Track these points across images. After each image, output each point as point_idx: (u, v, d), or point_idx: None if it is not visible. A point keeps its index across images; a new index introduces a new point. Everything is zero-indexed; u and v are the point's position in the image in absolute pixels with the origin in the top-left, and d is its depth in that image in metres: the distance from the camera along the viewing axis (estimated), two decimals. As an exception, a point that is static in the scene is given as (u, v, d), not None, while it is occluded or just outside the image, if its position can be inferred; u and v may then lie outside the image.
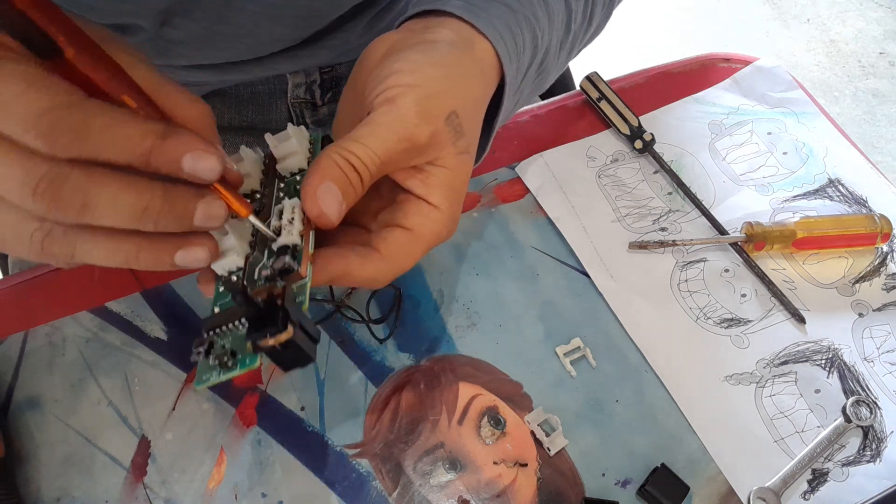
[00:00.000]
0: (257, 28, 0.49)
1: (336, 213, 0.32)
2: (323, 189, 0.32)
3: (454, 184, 0.36)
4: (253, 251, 0.33)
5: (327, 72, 0.60)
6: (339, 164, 0.32)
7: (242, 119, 0.61)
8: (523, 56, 0.40)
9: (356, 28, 0.55)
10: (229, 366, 0.30)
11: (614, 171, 0.57)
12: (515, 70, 0.40)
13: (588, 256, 0.52)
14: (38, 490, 0.42)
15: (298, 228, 0.32)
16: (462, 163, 0.36)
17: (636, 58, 1.84)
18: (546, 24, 0.42)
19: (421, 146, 0.34)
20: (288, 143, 0.36)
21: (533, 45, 0.41)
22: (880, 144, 1.75)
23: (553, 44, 0.43)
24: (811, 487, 0.44)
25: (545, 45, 0.42)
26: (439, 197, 0.36)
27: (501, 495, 0.43)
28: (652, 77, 0.63)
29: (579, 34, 0.46)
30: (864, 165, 0.58)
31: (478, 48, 0.38)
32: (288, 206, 0.33)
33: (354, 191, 0.33)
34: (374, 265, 0.35)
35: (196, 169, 0.29)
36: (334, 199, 0.32)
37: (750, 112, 0.61)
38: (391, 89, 0.34)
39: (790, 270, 0.53)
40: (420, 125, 0.34)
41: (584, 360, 0.48)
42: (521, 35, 0.40)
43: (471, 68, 0.37)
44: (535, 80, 0.44)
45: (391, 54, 0.36)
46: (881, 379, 0.48)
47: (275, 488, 0.43)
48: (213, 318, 0.31)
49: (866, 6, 2.05)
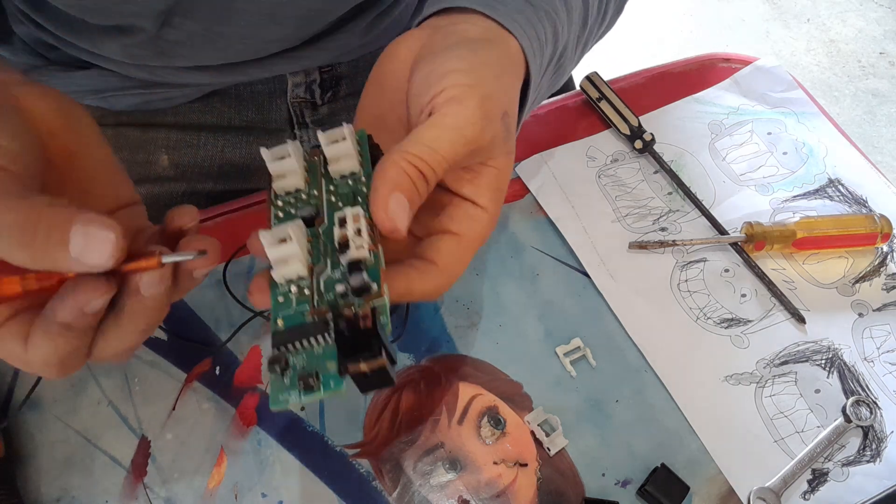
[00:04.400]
0: (257, 29, 0.49)
1: (406, 226, 0.30)
2: (394, 202, 0.30)
3: (500, 184, 0.36)
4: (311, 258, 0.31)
5: (327, 71, 0.60)
6: (408, 173, 0.30)
7: (242, 119, 0.61)
8: (546, 51, 0.40)
9: (356, 29, 0.55)
10: (314, 388, 0.28)
11: (614, 171, 0.57)
12: (539, 66, 0.39)
13: (588, 256, 0.52)
14: (38, 490, 0.42)
15: (368, 242, 0.29)
16: (509, 163, 0.36)
17: (636, 58, 1.84)
18: (565, 18, 0.41)
19: (483, 148, 0.33)
20: (343, 145, 0.33)
21: (553, 39, 0.40)
22: (880, 144, 1.75)
23: (571, 39, 0.43)
24: (811, 487, 0.44)
25: (564, 40, 0.42)
26: (487, 198, 0.35)
27: (501, 495, 0.43)
28: (652, 77, 0.63)
29: (594, 29, 0.46)
30: (864, 165, 0.58)
31: (508, 45, 0.37)
32: (350, 214, 0.30)
33: (421, 199, 0.31)
34: (434, 280, 0.34)
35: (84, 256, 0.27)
36: (405, 213, 0.30)
37: (750, 112, 0.61)
38: (452, 88, 0.32)
39: (790, 270, 0.53)
40: (486, 127, 0.33)
41: (584, 360, 0.48)
42: (542, 30, 0.39)
43: (508, 67, 0.36)
44: (552, 76, 0.44)
45: (434, 53, 0.35)
46: (881, 379, 0.48)
47: (275, 488, 0.43)
48: (285, 333, 0.29)
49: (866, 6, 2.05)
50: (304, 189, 0.33)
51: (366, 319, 0.28)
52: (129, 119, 0.59)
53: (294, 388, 0.28)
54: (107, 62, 0.53)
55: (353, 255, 0.29)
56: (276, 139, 0.62)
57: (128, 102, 0.58)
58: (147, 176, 0.59)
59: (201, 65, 0.53)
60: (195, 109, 0.60)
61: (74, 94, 0.57)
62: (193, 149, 0.60)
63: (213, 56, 0.52)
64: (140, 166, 0.59)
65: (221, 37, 0.49)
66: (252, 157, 0.61)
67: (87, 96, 0.57)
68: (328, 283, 0.30)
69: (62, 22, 0.49)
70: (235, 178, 0.61)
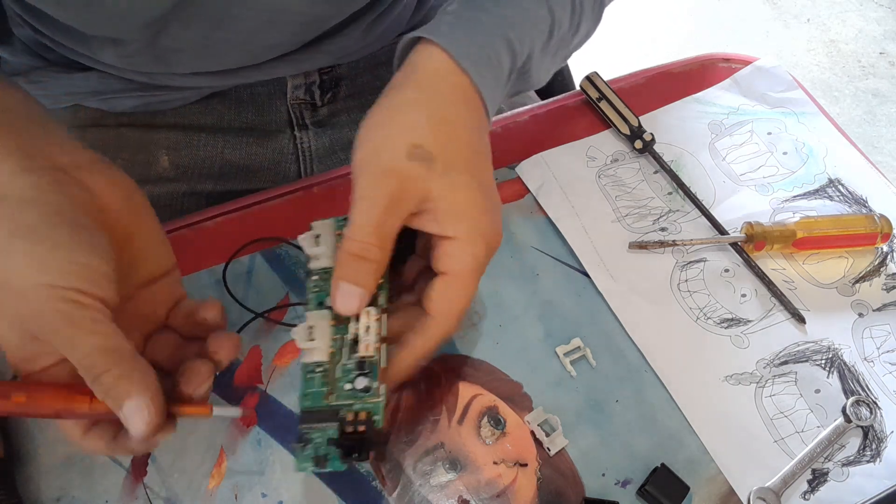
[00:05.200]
0: (256, 35, 0.48)
1: (359, 305, 0.36)
2: (341, 292, 0.35)
3: (458, 205, 0.36)
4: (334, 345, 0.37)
5: (327, 72, 0.60)
6: (345, 263, 0.35)
7: (242, 120, 0.61)
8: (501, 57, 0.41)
9: (355, 32, 0.55)
10: (323, 465, 0.35)
11: (614, 171, 0.57)
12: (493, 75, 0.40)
13: (588, 256, 0.52)
14: (38, 490, 0.42)
15: (374, 342, 0.36)
16: (451, 182, 0.36)
17: (636, 58, 1.84)
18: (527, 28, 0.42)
19: (401, 194, 0.35)
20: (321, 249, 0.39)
21: (510, 53, 0.41)
22: (880, 144, 1.74)
23: (535, 48, 0.43)
24: (811, 487, 0.44)
25: (527, 50, 0.43)
26: (452, 226, 0.36)
27: (501, 495, 0.43)
28: (652, 77, 0.63)
29: (567, 38, 0.47)
30: (864, 165, 0.58)
31: (437, 67, 0.39)
32: (363, 312, 0.36)
33: (371, 269, 0.35)
34: (432, 330, 0.37)
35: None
36: (353, 296, 0.35)
37: (750, 112, 0.61)
38: (355, 163, 0.36)
39: (790, 270, 0.53)
40: (386, 178, 0.35)
41: (584, 360, 0.48)
42: (490, 43, 0.40)
43: (429, 95, 0.38)
44: (518, 80, 0.45)
45: None
46: (881, 379, 0.48)
47: (275, 488, 0.43)
48: (307, 416, 0.36)
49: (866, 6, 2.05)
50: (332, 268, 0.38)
51: (362, 425, 0.35)
52: (130, 120, 0.59)
53: (311, 462, 0.36)
54: (106, 67, 0.53)
55: (361, 354, 0.36)
56: (276, 140, 0.62)
57: (128, 104, 0.58)
58: (148, 177, 0.59)
59: (200, 71, 0.53)
60: (195, 111, 0.60)
61: (74, 96, 0.57)
62: (193, 149, 0.60)
63: (212, 62, 0.52)
64: (141, 167, 0.59)
65: (220, 43, 0.49)
66: (252, 157, 0.61)
67: (88, 98, 0.57)
68: (344, 369, 0.37)
69: (59, 29, 0.49)
70: (235, 178, 0.61)
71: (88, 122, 0.59)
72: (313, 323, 0.37)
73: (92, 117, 0.59)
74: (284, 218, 0.52)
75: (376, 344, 0.36)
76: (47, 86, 0.57)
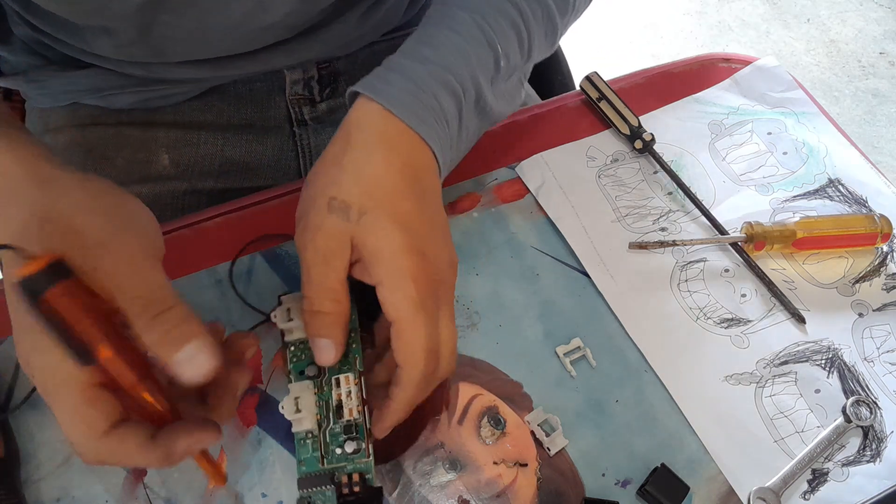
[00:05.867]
0: (249, 17, 0.48)
1: (335, 355, 0.38)
2: (315, 346, 0.38)
3: (378, 251, 0.37)
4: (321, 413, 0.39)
5: (325, 67, 0.60)
6: (307, 320, 0.38)
7: (242, 117, 0.61)
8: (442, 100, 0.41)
9: (350, 20, 0.55)
10: None
11: (614, 171, 0.57)
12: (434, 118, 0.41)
13: (588, 256, 0.52)
14: (38, 490, 0.42)
15: (357, 406, 0.38)
16: (368, 228, 0.37)
17: (636, 58, 1.84)
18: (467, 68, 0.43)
19: (330, 248, 0.37)
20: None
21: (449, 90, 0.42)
22: (880, 144, 1.74)
23: (481, 83, 0.44)
24: (811, 487, 0.44)
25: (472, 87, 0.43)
26: (376, 272, 0.37)
27: (501, 495, 0.43)
28: (652, 77, 0.63)
29: (520, 64, 0.47)
30: (864, 165, 0.58)
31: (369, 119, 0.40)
32: (342, 378, 0.39)
33: (329, 321, 0.37)
34: (403, 379, 0.37)
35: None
36: (326, 348, 0.38)
37: (750, 112, 0.61)
38: None
39: (790, 270, 0.53)
40: (313, 235, 0.37)
41: (584, 360, 0.48)
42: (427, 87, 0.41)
43: (354, 146, 0.39)
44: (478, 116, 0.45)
45: None
46: (881, 379, 0.49)
47: (275, 488, 0.43)
48: (307, 479, 0.38)
49: (866, 6, 2.05)
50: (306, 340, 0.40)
51: (356, 486, 0.37)
52: (130, 118, 0.59)
53: None
54: (103, 60, 0.53)
55: (347, 418, 0.38)
56: (276, 137, 0.62)
57: (127, 101, 0.58)
58: (148, 175, 0.59)
59: (195, 59, 0.53)
60: (194, 108, 0.60)
61: (73, 94, 0.58)
62: (193, 147, 0.60)
63: (207, 49, 0.52)
64: (141, 165, 0.59)
65: (213, 29, 0.48)
66: (252, 154, 0.61)
67: (86, 95, 0.57)
68: (332, 434, 0.38)
69: (53, 21, 0.49)
70: (236, 175, 0.61)
71: (88, 120, 0.59)
72: (298, 394, 0.38)
73: (91, 116, 0.59)
74: (284, 217, 0.52)
75: (359, 407, 0.38)
76: (47, 84, 0.57)
